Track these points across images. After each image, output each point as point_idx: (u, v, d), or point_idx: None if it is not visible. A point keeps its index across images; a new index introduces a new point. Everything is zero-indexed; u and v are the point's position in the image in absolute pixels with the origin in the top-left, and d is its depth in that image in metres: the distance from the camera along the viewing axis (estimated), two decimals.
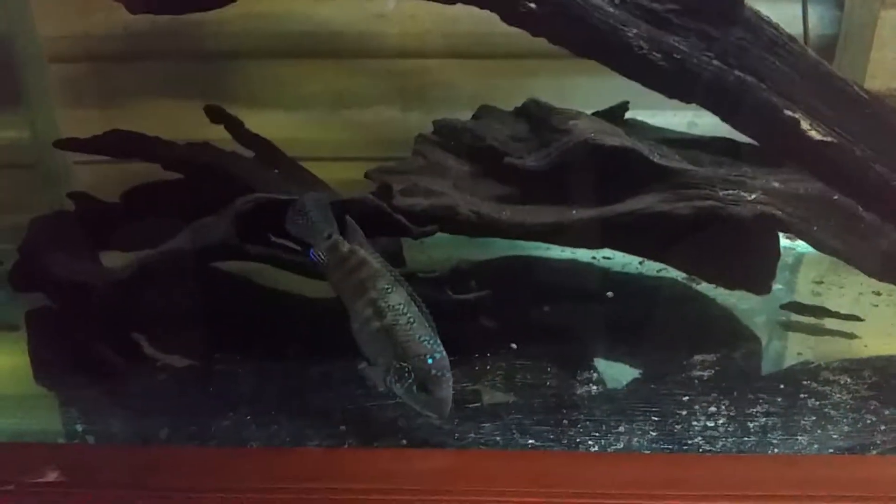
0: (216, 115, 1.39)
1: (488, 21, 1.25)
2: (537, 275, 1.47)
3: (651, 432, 1.01)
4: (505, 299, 1.27)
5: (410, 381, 0.91)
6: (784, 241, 1.28)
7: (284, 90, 1.72)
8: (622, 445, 0.98)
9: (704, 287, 1.38)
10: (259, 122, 1.49)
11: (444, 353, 0.93)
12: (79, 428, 1.05)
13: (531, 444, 0.99)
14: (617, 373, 1.17)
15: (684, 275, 1.40)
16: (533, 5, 1.19)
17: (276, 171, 1.40)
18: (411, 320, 0.94)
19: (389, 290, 0.97)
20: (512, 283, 1.42)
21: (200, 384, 1.13)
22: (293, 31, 1.65)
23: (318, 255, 1.02)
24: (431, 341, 0.93)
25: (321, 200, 1.05)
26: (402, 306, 0.95)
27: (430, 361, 0.91)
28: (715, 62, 1.18)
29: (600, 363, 1.18)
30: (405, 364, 0.92)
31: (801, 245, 1.50)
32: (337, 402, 1.07)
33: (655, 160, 1.13)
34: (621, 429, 1.01)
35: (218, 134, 1.43)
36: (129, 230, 1.37)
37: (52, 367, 1.20)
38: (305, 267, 1.20)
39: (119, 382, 1.14)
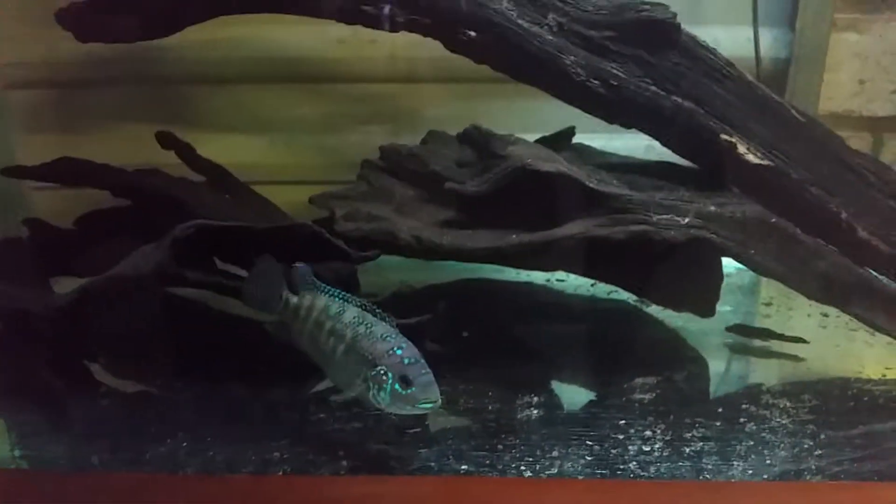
0: (167, 141, 1.40)
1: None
2: (488, 297, 1.48)
3: (586, 457, 1.01)
4: (452, 322, 1.28)
5: (390, 380, 0.92)
6: (735, 263, 1.29)
7: (245, 114, 1.74)
8: (556, 471, 0.98)
9: (654, 309, 1.39)
10: (219, 147, 1.50)
11: (411, 344, 0.94)
12: (15, 453, 1.04)
13: (464, 469, 0.99)
14: (559, 396, 1.17)
15: (635, 297, 1.41)
16: (473, 33, 1.21)
17: (227, 195, 1.41)
18: (369, 326, 0.96)
19: (341, 311, 0.99)
20: (462, 306, 1.42)
21: (143, 410, 1.12)
22: (254, 56, 1.67)
23: (280, 321, 1.05)
24: (395, 336, 0.95)
25: (267, 268, 1.06)
26: (356, 319, 0.97)
27: (398, 352, 0.93)
28: (652, 88, 1.20)
29: (543, 386, 1.18)
30: (379, 367, 0.92)
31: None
32: (276, 425, 1.07)
33: (591, 185, 1.14)
34: (555, 453, 1.01)
35: (175, 158, 1.45)
36: (83, 256, 1.38)
37: None
38: None
39: (60, 408, 1.14)
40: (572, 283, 1.50)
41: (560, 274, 1.51)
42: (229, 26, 1.64)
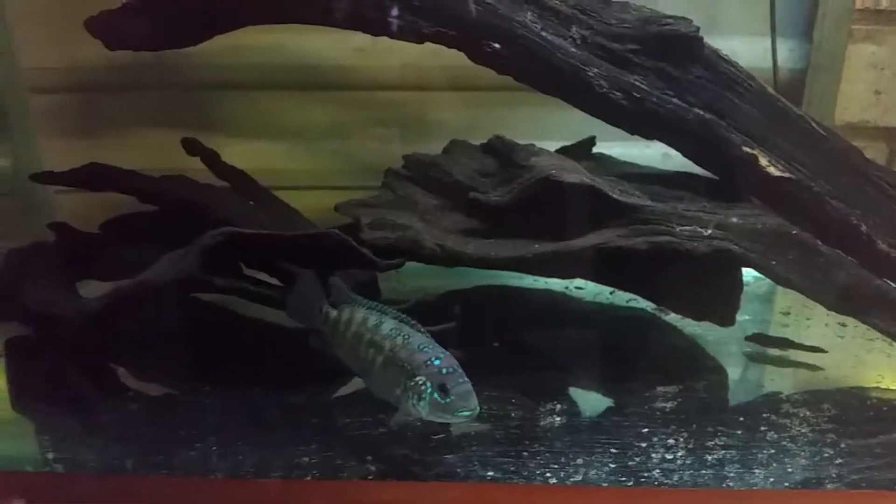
0: (193, 147, 1.42)
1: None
2: (508, 304, 1.49)
3: (609, 464, 1.02)
4: (474, 330, 1.29)
5: (429, 390, 0.93)
6: (753, 273, 1.31)
7: (268, 121, 1.75)
8: (580, 478, 1.00)
9: (673, 318, 1.40)
10: (243, 153, 1.52)
11: (449, 354, 0.96)
12: (49, 456, 1.06)
13: (490, 475, 1.00)
14: (580, 404, 1.18)
15: (654, 305, 1.42)
16: (497, 46, 1.23)
17: (251, 202, 1.43)
18: (407, 337, 0.98)
19: (380, 323, 1.01)
20: (482, 314, 1.44)
21: (171, 414, 1.14)
22: (277, 63, 1.69)
23: (321, 333, 1.08)
24: (432, 346, 0.97)
25: (307, 282, 1.09)
26: (394, 331, 1.00)
27: (437, 363, 0.95)
28: (674, 100, 1.22)
29: (565, 394, 1.20)
30: (417, 377, 0.94)
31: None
32: (306, 432, 1.08)
33: (614, 196, 1.16)
34: (580, 461, 1.02)
35: (199, 164, 1.47)
36: (109, 261, 1.39)
37: (28, 394, 1.22)
38: (274, 299, 1.23)
39: (91, 411, 1.15)
40: (591, 290, 1.51)
41: (578, 281, 1.52)
42: (252, 34, 1.67)
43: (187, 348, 1.22)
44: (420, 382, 0.94)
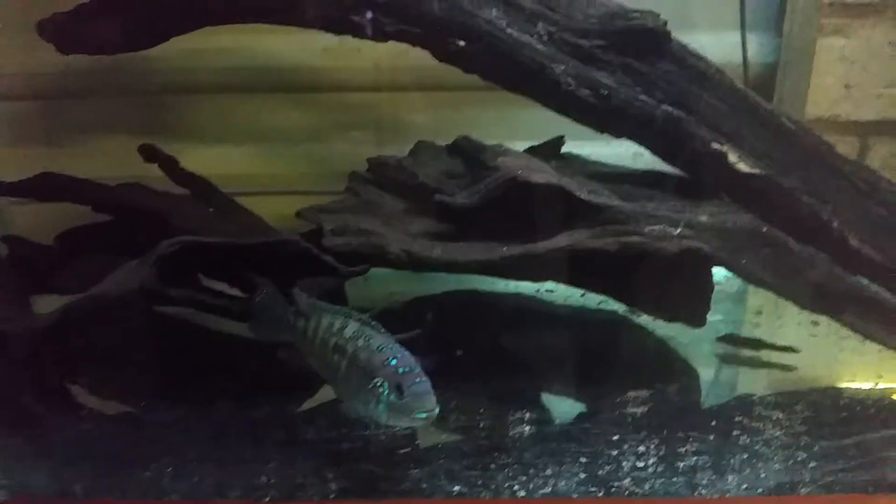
0: (150, 153, 1.37)
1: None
2: (477, 309, 1.46)
3: (579, 474, 0.99)
4: (444, 336, 1.26)
5: (385, 391, 0.90)
6: (724, 272, 1.29)
7: (231, 125, 1.71)
8: (549, 490, 0.97)
9: (644, 319, 1.38)
10: (203, 158, 1.48)
11: (408, 354, 0.94)
12: None
13: (457, 490, 0.97)
14: (550, 411, 1.15)
15: (625, 307, 1.40)
16: (462, 43, 1.20)
17: (211, 209, 1.38)
18: (368, 338, 0.96)
19: (344, 327, 0.99)
20: (452, 319, 1.40)
21: (126, 433, 1.10)
22: (237, 65, 1.65)
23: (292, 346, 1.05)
24: (391, 347, 0.94)
25: (270, 295, 1.06)
26: (356, 333, 0.97)
27: (393, 363, 0.92)
28: (642, 96, 1.19)
29: (535, 401, 1.17)
30: (375, 378, 0.91)
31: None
32: (263, 448, 1.05)
33: (583, 196, 1.13)
34: (549, 471, 0.99)
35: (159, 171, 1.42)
36: (66, 273, 1.35)
37: None
38: (231, 311, 1.19)
39: (41, 432, 1.11)
40: (562, 293, 1.48)
41: (549, 284, 1.49)
42: (212, 36, 1.63)
43: (143, 363, 1.18)
44: (378, 384, 0.91)
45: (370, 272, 1.26)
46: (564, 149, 1.42)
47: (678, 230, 1.11)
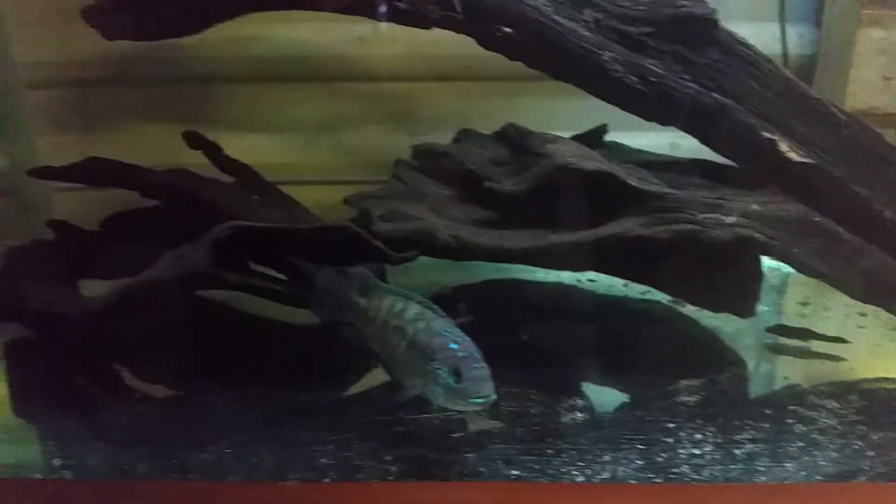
0: (194, 140, 1.38)
1: (470, 44, 1.26)
2: (521, 298, 1.46)
3: (636, 461, 0.99)
4: (489, 324, 1.26)
5: (444, 374, 0.91)
6: (769, 262, 1.28)
7: (266, 114, 1.71)
8: (608, 475, 0.97)
9: (689, 309, 1.37)
10: (241, 147, 1.48)
11: (468, 339, 0.94)
12: (56, 462, 1.01)
13: (515, 475, 0.97)
14: (602, 399, 1.15)
15: (669, 297, 1.39)
16: (509, 30, 1.19)
17: (256, 196, 1.39)
18: (428, 322, 0.96)
19: (404, 308, 1.00)
20: (496, 308, 1.41)
21: (181, 415, 1.10)
22: (274, 54, 1.65)
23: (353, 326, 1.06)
24: (451, 331, 0.95)
25: (332, 276, 1.08)
26: (417, 315, 0.98)
27: (453, 346, 0.92)
28: (691, 84, 1.18)
29: (585, 389, 1.16)
30: (434, 361, 0.92)
31: (786, 266, 1.51)
32: (320, 432, 1.05)
33: (633, 184, 1.13)
34: (606, 458, 0.99)
35: (196, 159, 1.42)
36: (110, 258, 1.35)
37: (30, 398, 1.17)
38: (284, 294, 1.20)
39: (98, 414, 1.11)
40: (603, 283, 1.48)
41: (590, 274, 1.49)
42: (250, 25, 1.64)
43: (195, 347, 1.18)
44: (436, 367, 0.92)
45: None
46: None
47: (732, 218, 1.10)
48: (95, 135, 1.68)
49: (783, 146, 1.18)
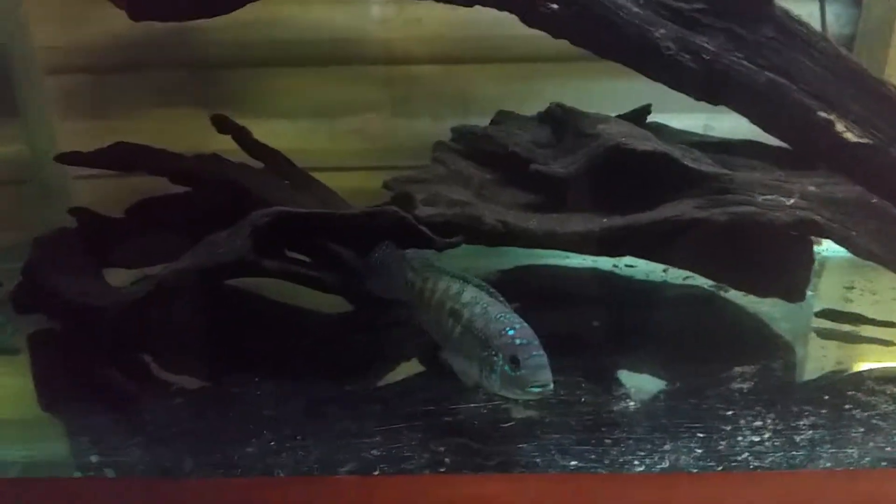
0: (223, 124, 1.34)
1: (496, 24, 1.22)
2: (561, 285, 1.42)
3: (696, 450, 0.96)
4: (534, 311, 1.23)
5: (500, 362, 0.88)
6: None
7: (288, 98, 1.67)
8: (668, 465, 0.94)
9: (733, 294, 1.34)
10: (262, 132, 1.44)
11: (526, 325, 0.91)
12: (92, 459, 0.97)
13: (573, 465, 0.94)
14: (654, 387, 1.12)
15: (711, 283, 1.36)
16: (555, 6, 1.15)
17: (287, 181, 1.35)
18: (485, 306, 0.94)
19: (461, 291, 0.97)
20: (538, 294, 1.37)
21: (219, 408, 1.07)
22: (297, 38, 1.61)
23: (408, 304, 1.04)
24: (508, 316, 0.92)
25: (389, 251, 1.06)
26: (474, 299, 0.95)
27: (510, 332, 0.90)
28: (745, 63, 1.15)
29: (635, 377, 1.14)
30: (491, 348, 0.89)
31: (825, 249, 1.48)
32: (364, 421, 1.01)
33: (690, 165, 1.09)
34: (666, 447, 0.96)
35: (218, 144, 1.39)
36: (135, 246, 1.31)
37: (58, 392, 1.13)
38: (322, 281, 1.16)
39: (132, 408, 1.08)
40: (642, 268, 1.45)
41: (628, 259, 1.46)
42: (269, 7, 1.59)
43: (230, 337, 1.14)
44: (493, 353, 0.89)
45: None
46: None
47: (792, 200, 1.07)
48: (115, 120, 1.63)
49: (839, 126, 1.15)
